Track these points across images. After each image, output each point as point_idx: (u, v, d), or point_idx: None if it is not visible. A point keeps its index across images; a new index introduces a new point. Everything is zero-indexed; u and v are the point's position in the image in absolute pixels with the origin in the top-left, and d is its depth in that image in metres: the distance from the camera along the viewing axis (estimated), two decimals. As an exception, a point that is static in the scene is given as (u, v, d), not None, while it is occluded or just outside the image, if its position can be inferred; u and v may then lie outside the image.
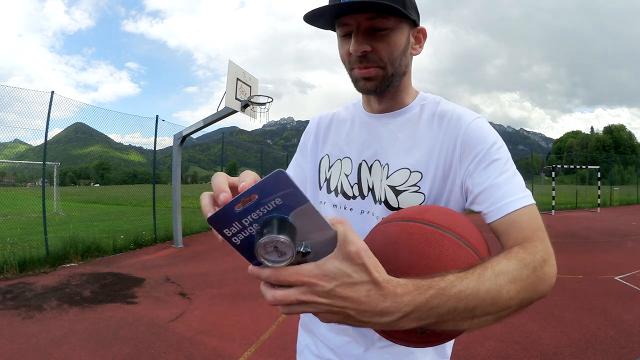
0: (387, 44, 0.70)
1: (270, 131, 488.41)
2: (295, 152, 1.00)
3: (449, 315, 0.47)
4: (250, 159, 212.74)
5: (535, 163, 26.91)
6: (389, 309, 0.45)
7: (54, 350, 2.81)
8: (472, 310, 0.48)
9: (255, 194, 0.41)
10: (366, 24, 0.68)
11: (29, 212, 10.33)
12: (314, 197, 0.90)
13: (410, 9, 0.70)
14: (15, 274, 5.02)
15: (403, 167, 0.76)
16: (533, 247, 0.58)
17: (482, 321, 0.50)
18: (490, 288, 0.49)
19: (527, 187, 0.69)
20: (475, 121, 0.73)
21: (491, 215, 0.66)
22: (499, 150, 0.69)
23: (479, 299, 0.48)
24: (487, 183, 0.67)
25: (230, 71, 6.22)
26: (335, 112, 0.93)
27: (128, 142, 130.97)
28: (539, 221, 0.64)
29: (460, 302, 0.47)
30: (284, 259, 0.41)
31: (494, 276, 0.50)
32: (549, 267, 0.57)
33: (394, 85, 0.75)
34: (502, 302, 0.50)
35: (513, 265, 0.53)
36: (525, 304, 0.54)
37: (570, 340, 2.93)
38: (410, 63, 0.78)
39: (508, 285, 0.51)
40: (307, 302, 0.44)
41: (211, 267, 5.54)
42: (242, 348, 2.89)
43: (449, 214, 0.64)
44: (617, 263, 5.46)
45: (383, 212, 0.76)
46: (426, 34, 0.77)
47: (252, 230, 0.42)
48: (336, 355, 0.83)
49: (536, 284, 0.54)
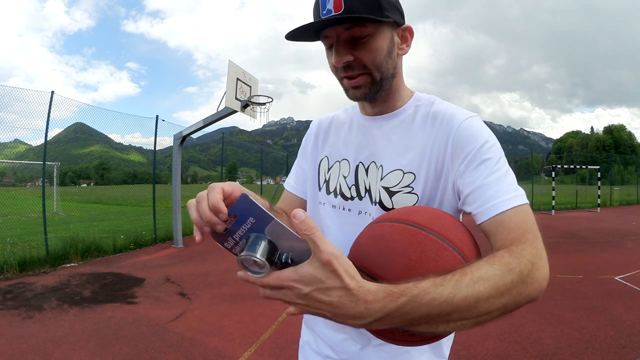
0: (368, 50, 0.70)
1: (270, 131, 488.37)
2: (297, 153, 1.01)
3: (422, 320, 0.49)
4: (250, 159, 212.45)
5: (535, 163, 26.90)
6: (361, 314, 0.48)
7: (54, 350, 2.81)
8: (446, 316, 0.49)
9: (235, 214, 0.49)
10: (345, 34, 0.69)
11: (29, 212, 10.33)
12: (314, 198, 0.91)
13: (388, 11, 0.70)
14: (15, 274, 5.02)
15: (397, 168, 0.77)
16: (520, 250, 0.57)
17: (459, 325, 0.51)
18: (467, 295, 0.49)
19: (527, 187, 0.68)
20: (467, 120, 0.72)
21: (480, 216, 0.65)
22: (490, 150, 0.69)
23: (453, 305, 0.49)
24: (477, 183, 0.66)
25: (230, 71, 6.22)
26: (334, 115, 0.95)
27: (128, 142, 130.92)
28: (529, 222, 0.62)
29: (433, 309, 0.48)
30: (263, 271, 0.48)
31: (472, 283, 0.50)
32: (537, 271, 0.55)
33: (384, 89, 0.76)
34: (481, 308, 0.50)
35: (495, 271, 0.52)
36: (511, 308, 0.53)
37: (570, 340, 2.93)
38: (399, 64, 0.78)
39: (488, 292, 0.50)
40: (289, 302, 0.50)
41: (211, 267, 5.54)
42: (242, 348, 2.89)
43: (436, 216, 0.63)
44: (617, 263, 5.46)
45: (378, 213, 0.77)
46: (413, 31, 0.77)
47: (242, 245, 0.50)
48: (334, 352, 0.85)
49: (521, 288, 0.53)
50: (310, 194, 0.93)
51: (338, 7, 0.66)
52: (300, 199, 0.96)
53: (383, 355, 0.79)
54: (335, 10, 0.66)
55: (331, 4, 0.66)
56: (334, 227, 0.85)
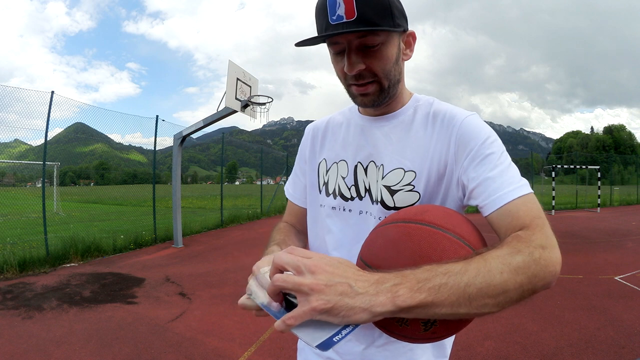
0: (379, 59, 0.70)
1: (270, 131, 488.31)
2: (297, 155, 1.01)
3: (441, 292, 0.48)
4: (250, 159, 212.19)
5: (535, 163, 26.90)
6: (381, 278, 0.49)
7: (54, 350, 2.81)
8: (464, 288, 0.49)
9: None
10: (357, 42, 0.68)
11: (29, 212, 10.34)
12: (314, 202, 0.92)
13: (399, 19, 0.70)
14: (15, 274, 5.02)
15: (397, 167, 0.77)
16: (529, 236, 0.57)
17: (481, 305, 0.50)
18: (479, 268, 0.50)
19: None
20: (468, 118, 0.74)
21: (487, 208, 0.66)
22: (492, 145, 0.70)
23: (468, 276, 0.49)
24: (482, 177, 0.67)
25: (230, 71, 6.22)
26: (330, 118, 0.95)
27: (128, 142, 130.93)
28: (536, 210, 0.63)
29: (450, 278, 0.49)
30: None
31: (483, 260, 0.51)
32: (549, 255, 0.55)
33: (391, 95, 0.77)
34: (497, 284, 0.50)
35: (504, 251, 0.54)
36: (527, 290, 0.52)
37: (570, 340, 2.93)
38: (403, 69, 0.78)
39: (500, 267, 0.51)
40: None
41: (211, 267, 5.54)
42: (242, 348, 2.89)
43: (448, 214, 0.64)
44: (617, 263, 5.46)
45: (380, 212, 0.77)
46: (415, 36, 0.78)
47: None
48: (336, 354, 0.84)
49: (535, 269, 0.53)
50: (310, 198, 0.93)
51: (350, 14, 0.64)
52: (303, 209, 0.97)
53: (386, 354, 0.79)
54: (347, 17, 0.65)
55: (342, 9, 0.65)
56: (335, 229, 0.85)
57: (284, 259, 0.51)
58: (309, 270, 0.49)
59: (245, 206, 13.93)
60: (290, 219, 1.00)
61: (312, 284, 0.47)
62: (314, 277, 0.48)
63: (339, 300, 0.46)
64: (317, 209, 0.90)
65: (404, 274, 0.50)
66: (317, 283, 0.47)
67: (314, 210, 0.92)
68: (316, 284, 0.47)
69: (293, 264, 0.50)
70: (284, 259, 0.51)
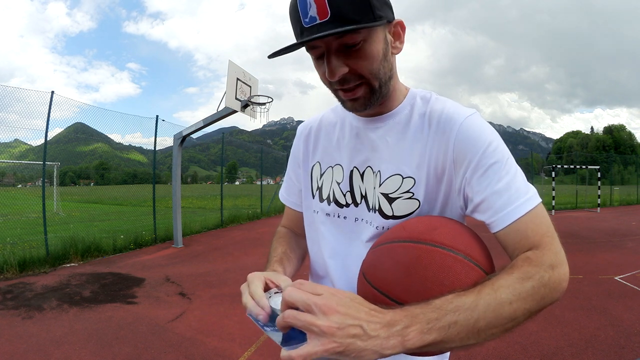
0: (364, 58, 0.63)
1: (270, 131, 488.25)
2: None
3: (451, 330, 0.49)
4: (250, 159, 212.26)
5: (535, 163, 26.90)
6: (392, 320, 0.49)
7: (54, 350, 2.80)
8: (474, 324, 0.50)
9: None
10: (336, 43, 0.62)
11: (29, 212, 10.34)
12: (308, 207, 0.89)
13: (379, 9, 0.62)
14: (15, 274, 5.02)
15: (395, 173, 0.73)
16: (539, 257, 0.57)
17: (489, 334, 0.51)
18: (489, 302, 0.51)
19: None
20: (467, 120, 0.68)
21: (495, 226, 0.64)
22: (495, 152, 0.65)
23: (478, 312, 0.50)
24: (487, 191, 0.64)
25: (230, 71, 6.22)
26: (322, 116, 0.89)
27: (128, 142, 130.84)
28: (545, 225, 0.61)
29: (460, 315, 0.49)
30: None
31: (493, 291, 0.52)
32: (558, 274, 0.56)
33: (383, 95, 0.71)
34: (505, 314, 0.51)
35: (514, 279, 0.54)
36: (535, 312, 0.54)
37: (570, 341, 2.93)
38: (394, 64, 0.71)
39: (509, 298, 0.52)
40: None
41: (211, 267, 5.54)
42: (242, 348, 2.89)
43: (458, 233, 0.62)
44: (617, 263, 5.46)
45: (377, 220, 0.74)
46: (404, 25, 0.69)
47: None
48: None
49: (543, 292, 0.54)
50: (304, 202, 0.90)
51: (323, 14, 0.58)
52: (300, 212, 0.94)
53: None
54: (320, 17, 0.58)
55: (314, 10, 0.59)
56: (329, 236, 0.82)
57: (294, 296, 0.50)
58: (320, 310, 0.48)
59: (245, 206, 13.94)
60: (288, 223, 0.98)
61: (324, 326, 0.46)
62: (327, 318, 0.47)
63: (351, 344, 0.46)
64: (311, 214, 0.87)
65: (414, 314, 0.49)
66: (329, 326, 0.46)
67: (307, 215, 0.89)
68: (328, 326, 0.46)
69: (303, 303, 0.49)
70: (294, 297, 0.50)
